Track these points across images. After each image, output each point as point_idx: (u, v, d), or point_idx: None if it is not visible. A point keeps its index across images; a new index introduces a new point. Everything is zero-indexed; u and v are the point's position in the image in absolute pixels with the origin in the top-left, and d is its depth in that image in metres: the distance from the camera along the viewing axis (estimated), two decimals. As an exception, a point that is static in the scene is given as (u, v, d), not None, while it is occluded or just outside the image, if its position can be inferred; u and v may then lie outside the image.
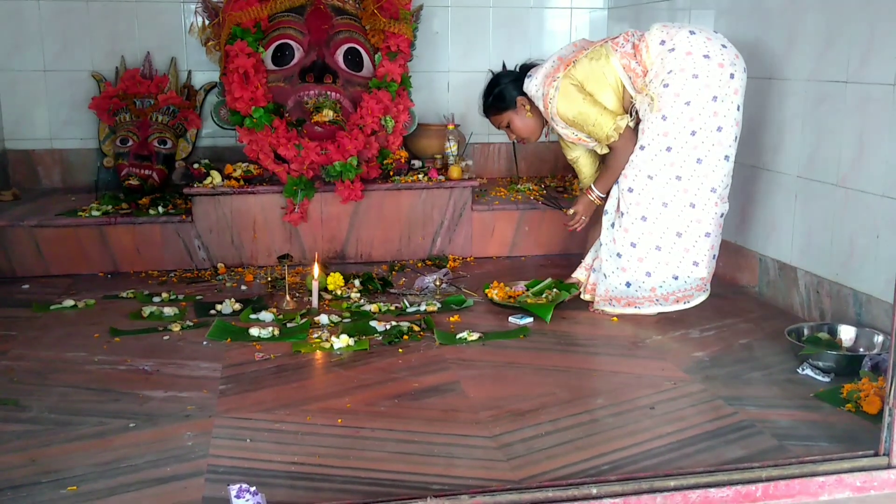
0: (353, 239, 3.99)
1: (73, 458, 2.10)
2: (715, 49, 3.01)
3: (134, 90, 4.37)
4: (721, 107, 2.99)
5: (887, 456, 1.96)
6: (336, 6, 4.25)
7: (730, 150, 3.04)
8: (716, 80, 2.98)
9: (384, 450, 2.15)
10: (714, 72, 2.98)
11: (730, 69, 3.00)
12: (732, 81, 3.00)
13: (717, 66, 2.98)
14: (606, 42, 3.18)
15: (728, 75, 2.99)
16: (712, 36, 3.05)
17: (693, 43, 3.01)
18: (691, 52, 3.00)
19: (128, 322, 3.13)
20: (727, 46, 3.04)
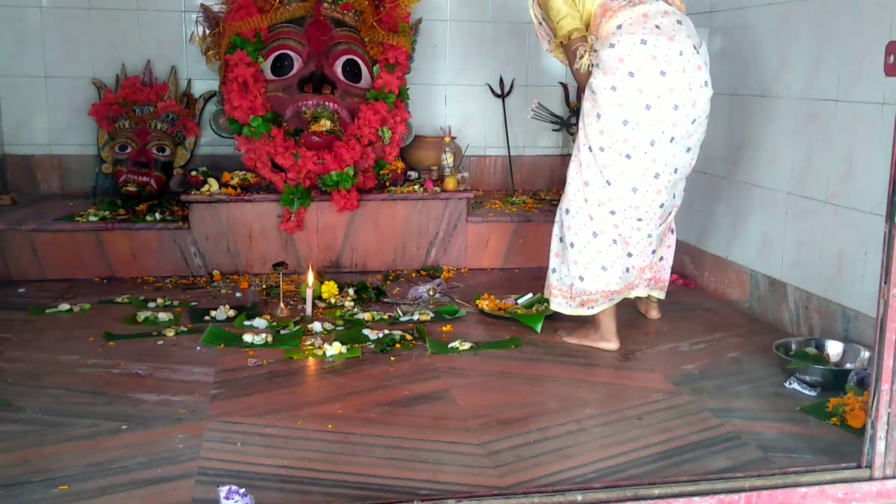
0: (348, 248, 4.02)
1: (64, 458, 2.13)
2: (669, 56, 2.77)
3: (134, 97, 4.41)
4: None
5: (869, 468, 1.98)
6: (336, 18, 4.30)
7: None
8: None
9: (373, 455, 2.18)
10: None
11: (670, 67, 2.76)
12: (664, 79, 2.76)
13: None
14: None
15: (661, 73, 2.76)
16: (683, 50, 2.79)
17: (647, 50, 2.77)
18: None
19: (122, 326, 3.16)
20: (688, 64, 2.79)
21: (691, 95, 2.79)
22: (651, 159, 2.82)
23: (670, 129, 2.80)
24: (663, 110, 2.77)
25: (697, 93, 2.80)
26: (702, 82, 2.81)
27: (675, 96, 2.76)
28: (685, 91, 2.77)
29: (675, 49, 2.76)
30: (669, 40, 2.75)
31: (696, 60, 2.79)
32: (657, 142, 2.80)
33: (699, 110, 2.83)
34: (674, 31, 2.78)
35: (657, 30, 2.76)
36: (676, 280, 3.94)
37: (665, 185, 2.88)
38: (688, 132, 2.85)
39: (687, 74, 2.77)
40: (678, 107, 2.78)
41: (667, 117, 2.78)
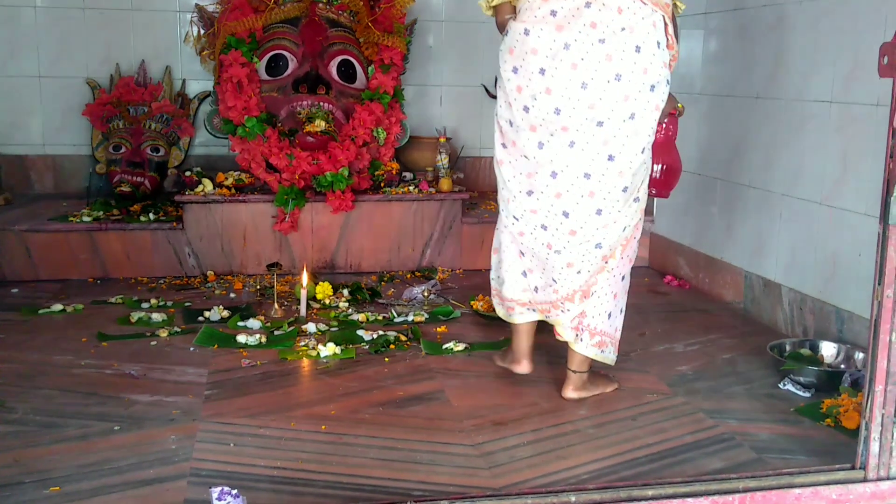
0: (342, 249, 4.01)
1: (57, 459, 2.12)
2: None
3: (128, 98, 4.40)
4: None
5: (863, 469, 1.98)
6: (331, 18, 4.29)
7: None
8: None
9: (367, 456, 2.17)
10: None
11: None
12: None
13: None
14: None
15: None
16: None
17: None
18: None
19: (116, 327, 3.14)
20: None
21: (587, 95, 2.30)
22: (542, 160, 2.42)
23: (560, 133, 2.36)
24: (542, 114, 2.35)
25: (601, 90, 2.30)
26: (611, 76, 2.30)
27: (554, 99, 2.32)
28: (575, 91, 2.30)
29: (561, 41, 2.29)
30: (557, 30, 2.29)
31: (599, 52, 2.28)
32: (546, 144, 2.39)
33: (607, 111, 2.32)
34: (572, 17, 2.29)
35: (551, 17, 2.31)
36: (671, 281, 3.95)
37: (568, 188, 2.41)
38: (601, 138, 2.35)
39: (579, 71, 2.29)
40: (560, 110, 2.33)
41: (551, 122, 2.35)
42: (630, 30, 2.29)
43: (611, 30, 2.28)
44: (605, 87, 2.30)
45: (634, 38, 2.29)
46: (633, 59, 2.29)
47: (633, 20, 2.29)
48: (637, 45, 2.29)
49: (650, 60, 2.31)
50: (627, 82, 2.30)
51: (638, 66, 2.30)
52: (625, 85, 2.30)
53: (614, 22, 2.28)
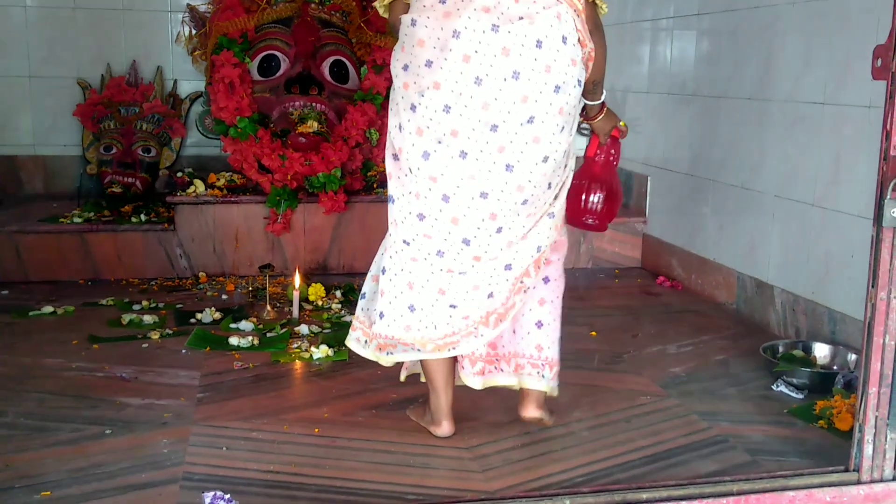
0: (335, 250, 4.00)
1: (47, 463, 2.10)
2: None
3: (119, 98, 4.38)
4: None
5: (857, 472, 1.98)
6: (323, 19, 4.28)
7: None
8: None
9: (360, 460, 2.16)
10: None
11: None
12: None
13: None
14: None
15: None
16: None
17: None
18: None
19: (107, 329, 3.13)
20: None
21: (481, 92, 1.99)
22: (429, 176, 2.07)
23: (449, 138, 2.02)
24: (430, 113, 2.02)
25: (496, 89, 1.99)
26: (508, 73, 1.98)
27: (443, 95, 2.00)
28: (467, 86, 1.99)
29: (449, 29, 1.98)
30: (444, 17, 1.99)
31: (494, 43, 1.97)
32: (432, 155, 2.05)
33: (503, 113, 2.00)
34: (462, 2, 1.99)
35: (440, 4, 2.01)
36: (663, 282, 3.95)
37: (465, 212, 2.08)
38: (496, 144, 2.02)
39: (471, 64, 1.98)
40: (450, 108, 2.00)
41: (438, 123, 2.02)
42: (530, 20, 1.97)
43: (506, 17, 1.97)
44: (502, 86, 1.98)
45: (535, 31, 1.97)
46: (533, 54, 1.98)
47: (533, 9, 1.98)
48: (538, 38, 1.98)
49: (553, 57, 1.99)
50: (527, 80, 1.99)
51: (539, 63, 1.99)
52: (523, 84, 1.99)
53: (510, 10, 1.98)
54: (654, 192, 4.19)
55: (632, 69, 4.43)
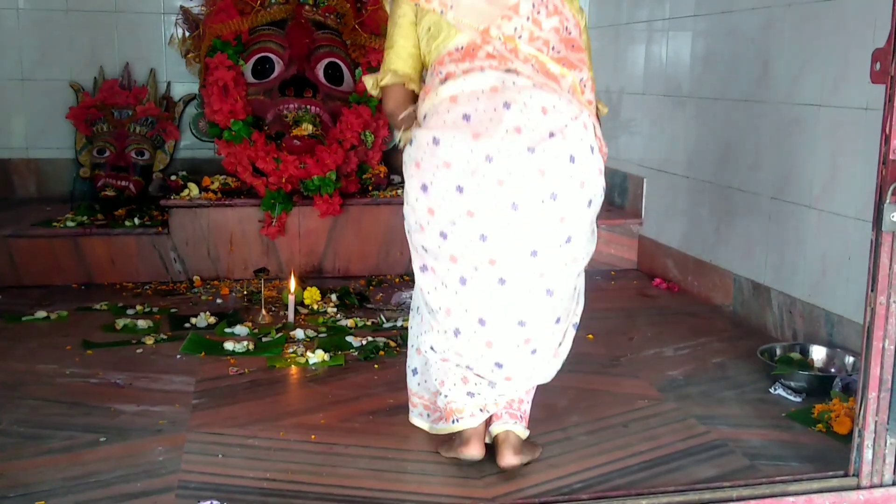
0: (330, 253, 3.99)
1: (42, 472, 2.08)
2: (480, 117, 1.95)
3: (112, 101, 4.35)
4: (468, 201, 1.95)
5: (857, 477, 1.98)
6: (317, 21, 4.26)
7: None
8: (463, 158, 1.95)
9: (357, 466, 2.15)
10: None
11: (487, 146, 1.92)
12: (490, 165, 1.93)
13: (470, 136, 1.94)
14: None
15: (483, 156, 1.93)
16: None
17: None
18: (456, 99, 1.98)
19: (101, 334, 3.11)
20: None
21: (518, 217, 1.93)
22: (465, 301, 2.02)
23: (487, 266, 1.97)
24: (464, 242, 1.97)
25: (534, 212, 1.94)
26: (546, 195, 1.93)
27: (478, 223, 1.94)
28: (503, 213, 1.93)
29: (481, 152, 1.91)
30: (474, 138, 1.92)
31: (533, 164, 1.91)
32: (469, 281, 1.99)
33: (542, 236, 1.96)
34: (489, 121, 1.92)
35: (464, 122, 1.94)
36: (660, 284, 3.94)
37: (501, 337, 2.03)
38: (535, 270, 1.98)
39: (506, 188, 1.92)
40: (486, 237, 1.95)
41: (474, 252, 1.96)
42: (562, 135, 1.93)
43: (539, 135, 1.92)
44: (540, 208, 1.93)
45: (568, 146, 1.93)
46: (568, 171, 1.93)
47: (562, 121, 1.94)
48: (571, 153, 1.93)
49: (587, 171, 1.97)
50: (564, 202, 1.94)
51: (574, 180, 1.95)
52: (561, 205, 1.94)
53: (540, 125, 1.92)
54: (649, 194, 4.18)
55: (627, 70, 4.43)
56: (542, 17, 2.01)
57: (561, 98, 1.97)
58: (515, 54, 1.98)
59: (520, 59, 1.98)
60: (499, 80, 1.96)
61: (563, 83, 2.00)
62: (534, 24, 2.00)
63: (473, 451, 2.13)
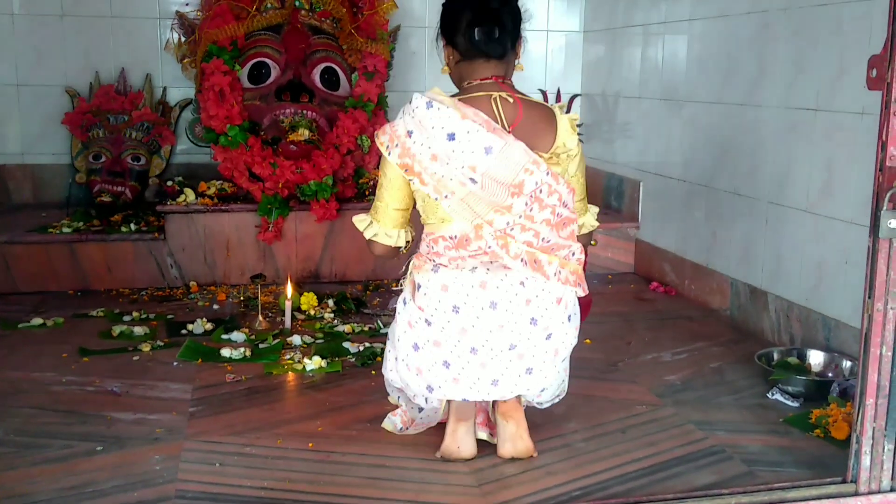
0: (327, 258, 3.98)
1: (37, 481, 2.07)
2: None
3: (108, 106, 4.34)
4: None
5: (854, 483, 1.98)
6: (313, 25, 4.26)
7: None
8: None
9: (355, 475, 2.14)
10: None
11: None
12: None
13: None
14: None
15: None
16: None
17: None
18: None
19: (97, 341, 3.09)
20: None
21: (496, 392, 2.18)
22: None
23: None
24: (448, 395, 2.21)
25: (512, 385, 2.18)
26: (521, 371, 2.17)
27: (461, 388, 2.18)
28: (486, 386, 2.17)
29: (467, 345, 2.15)
30: (461, 332, 2.14)
31: (511, 354, 2.15)
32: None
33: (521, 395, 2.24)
34: (476, 318, 2.12)
35: (454, 314, 2.13)
36: (657, 288, 3.94)
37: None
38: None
39: (488, 370, 2.16)
40: (467, 400, 2.22)
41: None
42: (542, 320, 2.14)
43: (520, 327, 2.12)
44: (517, 382, 2.17)
45: (547, 329, 2.15)
46: (544, 347, 2.17)
47: (543, 306, 2.13)
48: (549, 332, 2.16)
49: (562, 341, 2.20)
50: (539, 373, 2.19)
51: (549, 353, 2.18)
52: (536, 376, 2.19)
53: (524, 317, 2.12)
54: (646, 198, 4.18)
55: (623, 74, 4.43)
56: (535, 213, 2.10)
57: (545, 285, 2.13)
58: (507, 251, 2.09)
59: (510, 255, 2.09)
60: (488, 277, 2.11)
61: (548, 270, 2.12)
62: (526, 219, 2.09)
63: (466, 450, 2.21)
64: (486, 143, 2.05)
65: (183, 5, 4.40)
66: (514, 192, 2.06)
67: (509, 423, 2.22)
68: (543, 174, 2.08)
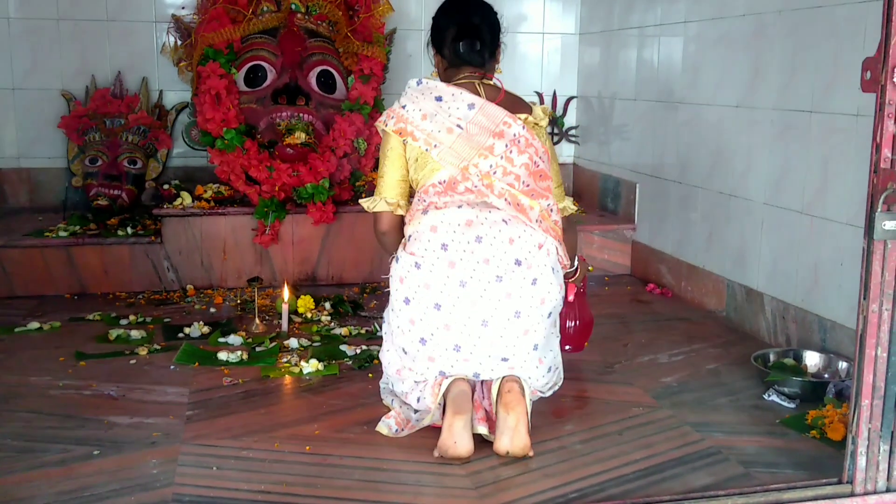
0: (324, 261, 3.98)
1: (35, 486, 2.07)
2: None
3: (104, 109, 4.34)
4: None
5: (851, 484, 1.98)
6: (309, 28, 4.26)
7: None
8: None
9: (352, 478, 2.14)
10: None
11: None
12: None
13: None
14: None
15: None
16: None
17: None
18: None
19: (94, 345, 3.09)
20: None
21: (488, 333, 2.31)
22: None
23: (461, 364, 2.34)
24: (440, 350, 2.34)
25: (501, 327, 2.32)
26: (511, 314, 2.31)
27: (452, 335, 2.32)
28: (476, 327, 2.31)
29: (456, 278, 2.30)
30: (450, 266, 2.30)
31: (502, 289, 2.30)
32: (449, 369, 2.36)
33: (511, 346, 2.34)
34: (463, 252, 2.30)
35: (442, 251, 2.31)
36: (653, 289, 3.95)
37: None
38: (505, 366, 2.36)
39: (477, 308, 2.30)
40: (460, 347, 2.33)
41: (447, 359, 2.34)
42: (528, 266, 2.32)
43: (505, 264, 2.30)
44: (506, 324, 2.31)
45: (531, 273, 2.32)
46: (530, 292, 2.32)
47: (526, 249, 2.32)
48: (534, 277, 2.32)
49: (547, 290, 2.35)
50: (527, 317, 2.33)
51: (535, 299, 2.33)
52: (524, 320, 2.32)
53: (508, 255, 2.31)
54: (642, 199, 4.19)
55: (619, 76, 4.44)
56: (514, 156, 2.34)
57: (527, 229, 2.34)
58: (491, 189, 2.32)
59: (494, 194, 2.32)
60: (473, 215, 2.33)
61: (531, 214, 2.34)
62: (507, 161, 2.34)
63: (462, 447, 2.21)
64: (469, 101, 2.37)
65: (179, 9, 4.40)
66: (495, 135, 2.34)
67: (510, 415, 2.24)
68: (520, 128, 2.37)
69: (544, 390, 2.49)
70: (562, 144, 5.01)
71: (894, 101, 1.84)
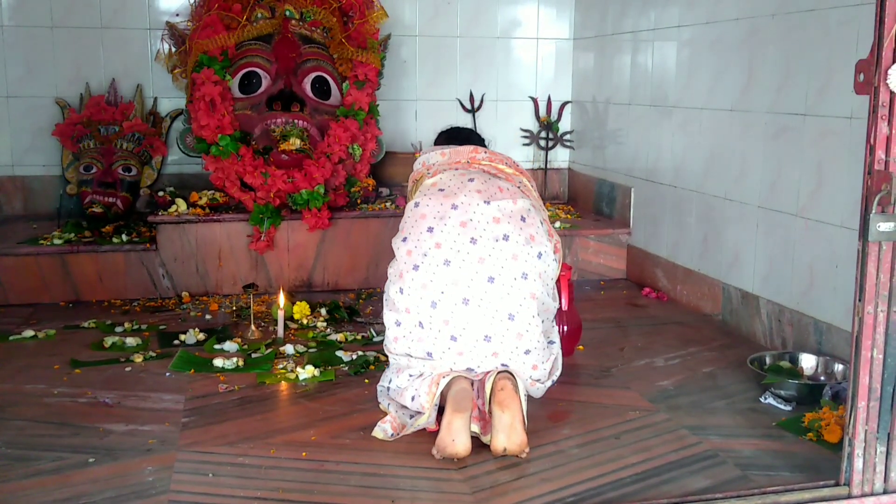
0: (319, 267, 3.98)
1: (30, 494, 2.06)
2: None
3: (98, 117, 4.33)
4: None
5: (848, 486, 1.98)
6: (304, 35, 4.26)
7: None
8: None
9: (349, 483, 2.14)
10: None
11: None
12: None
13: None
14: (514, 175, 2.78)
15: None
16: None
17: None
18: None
19: (89, 353, 3.08)
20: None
21: (477, 250, 2.47)
22: (442, 320, 2.45)
23: (451, 287, 2.45)
24: (433, 269, 2.47)
25: (489, 247, 2.47)
26: (499, 235, 2.49)
27: (443, 252, 2.47)
28: (464, 245, 2.47)
29: (448, 203, 2.55)
30: (444, 197, 2.57)
31: (489, 212, 2.51)
32: (439, 304, 2.45)
33: (499, 268, 2.46)
34: (456, 187, 2.59)
35: (439, 191, 2.59)
36: (649, 293, 3.95)
37: (471, 349, 2.46)
38: (495, 293, 2.45)
39: (468, 230, 2.49)
40: (450, 262, 2.46)
41: (441, 277, 2.45)
42: (513, 199, 2.59)
43: (492, 190, 2.60)
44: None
45: (518, 206, 2.58)
46: (519, 226, 2.54)
47: (509, 186, 2.66)
48: (522, 214, 2.57)
49: (536, 229, 2.57)
50: (514, 243, 2.49)
51: (524, 232, 2.54)
52: (512, 244, 2.49)
53: (493, 186, 2.62)
54: (637, 203, 4.20)
55: (613, 81, 4.45)
56: (495, 160, 2.76)
57: (510, 182, 2.67)
58: (477, 165, 2.73)
59: (480, 169, 2.71)
60: (464, 170, 2.69)
61: (514, 180, 2.71)
62: (489, 161, 2.76)
63: (460, 445, 2.21)
64: (447, 149, 2.82)
65: (173, 16, 4.41)
66: (472, 155, 2.76)
67: (505, 413, 2.24)
68: (486, 153, 2.77)
69: (543, 379, 2.55)
70: (556, 149, 5.01)
71: (887, 102, 1.84)
